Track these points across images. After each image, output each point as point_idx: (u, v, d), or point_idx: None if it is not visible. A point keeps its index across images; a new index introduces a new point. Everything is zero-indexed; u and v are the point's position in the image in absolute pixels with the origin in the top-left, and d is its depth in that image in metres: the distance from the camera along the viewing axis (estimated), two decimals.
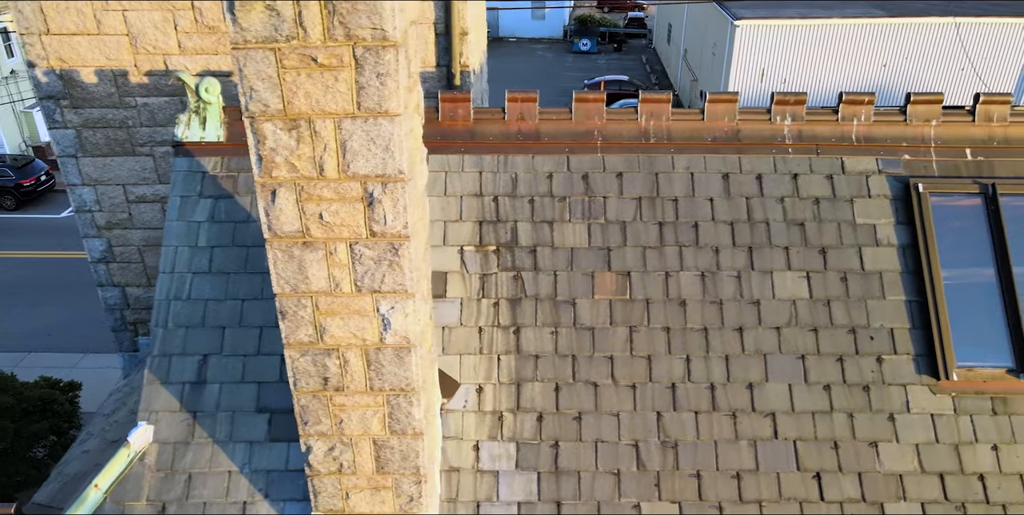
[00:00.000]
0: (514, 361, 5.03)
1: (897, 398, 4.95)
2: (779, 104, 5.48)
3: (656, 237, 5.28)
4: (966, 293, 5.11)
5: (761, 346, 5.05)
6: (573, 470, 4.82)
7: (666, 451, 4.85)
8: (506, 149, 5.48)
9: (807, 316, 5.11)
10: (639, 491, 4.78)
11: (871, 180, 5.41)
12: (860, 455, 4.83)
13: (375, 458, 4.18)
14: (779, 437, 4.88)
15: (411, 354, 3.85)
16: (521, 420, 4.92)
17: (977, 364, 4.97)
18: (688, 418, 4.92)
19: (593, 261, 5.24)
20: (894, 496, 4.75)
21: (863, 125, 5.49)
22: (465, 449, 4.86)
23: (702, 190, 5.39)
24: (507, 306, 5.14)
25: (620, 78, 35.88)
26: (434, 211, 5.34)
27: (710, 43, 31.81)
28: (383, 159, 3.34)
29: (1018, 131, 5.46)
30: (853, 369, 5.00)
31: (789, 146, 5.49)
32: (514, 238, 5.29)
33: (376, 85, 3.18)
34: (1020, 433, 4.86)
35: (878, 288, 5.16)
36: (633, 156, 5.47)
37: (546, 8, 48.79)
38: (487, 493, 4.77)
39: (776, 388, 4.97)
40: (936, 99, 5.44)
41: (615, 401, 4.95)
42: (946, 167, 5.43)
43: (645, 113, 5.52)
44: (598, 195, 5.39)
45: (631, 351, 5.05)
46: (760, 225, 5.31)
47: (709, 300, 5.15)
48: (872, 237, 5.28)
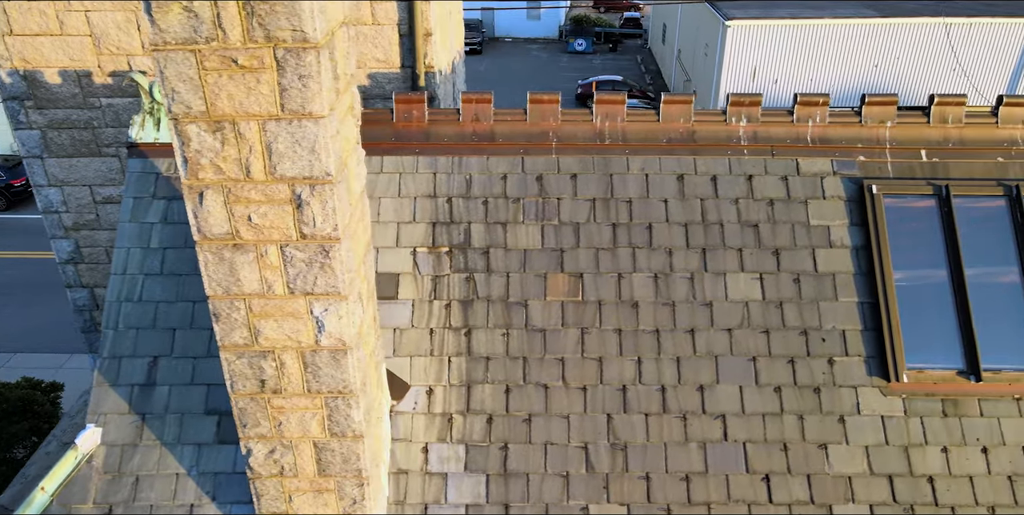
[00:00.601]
0: (465, 363, 5.02)
1: (848, 400, 4.94)
2: (734, 105, 5.47)
3: (609, 238, 5.27)
4: (918, 295, 5.10)
5: (713, 348, 5.04)
6: (522, 472, 4.81)
7: (615, 453, 4.84)
8: (461, 150, 5.47)
9: (759, 318, 5.10)
10: (588, 493, 4.77)
11: (826, 181, 5.40)
12: (809, 457, 4.82)
13: (316, 461, 4.17)
14: (729, 439, 4.87)
15: (347, 356, 3.84)
16: (471, 422, 4.91)
17: (928, 366, 4.96)
18: (638, 420, 4.91)
19: (546, 262, 5.23)
20: (842, 498, 4.74)
21: (818, 126, 5.48)
22: (414, 451, 4.85)
23: (656, 191, 5.38)
24: (459, 308, 5.13)
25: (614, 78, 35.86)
26: (387, 212, 5.33)
27: (702, 43, 31.83)
28: (310, 161, 3.33)
29: (973, 132, 5.45)
30: (804, 371, 4.99)
31: (744, 147, 5.48)
32: (467, 239, 5.28)
33: (299, 87, 3.17)
34: (970, 435, 4.85)
35: (831, 290, 5.16)
36: (588, 157, 5.47)
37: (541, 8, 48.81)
38: (435, 495, 4.76)
39: (727, 390, 4.96)
40: (891, 100, 5.43)
41: (565, 403, 4.94)
42: (901, 168, 5.42)
43: (600, 114, 5.51)
44: (552, 196, 5.38)
45: (582, 353, 5.04)
46: (714, 226, 5.30)
47: (661, 302, 5.14)
48: (826, 238, 5.27)
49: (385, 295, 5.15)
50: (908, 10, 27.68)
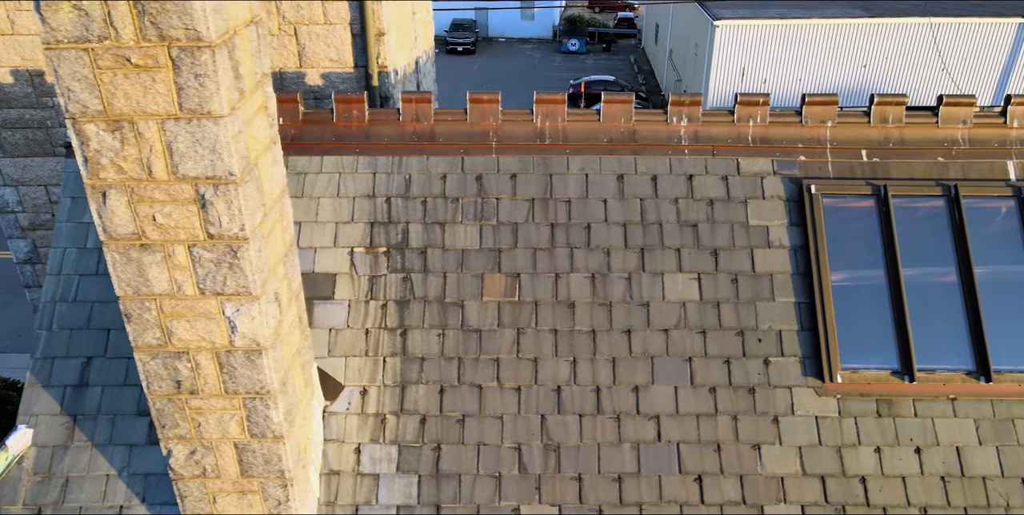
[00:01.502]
0: (400, 363, 5.00)
1: (782, 400, 4.92)
2: (675, 105, 5.46)
3: (547, 238, 5.26)
4: (855, 295, 5.09)
5: (649, 348, 5.03)
6: (454, 473, 4.79)
7: (548, 454, 4.83)
8: (401, 150, 5.46)
9: (696, 318, 5.09)
10: (519, 494, 4.75)
11: (766, 181, 5.39)
12: (743, 457, 4.81)
13: (238, 462, 4.16)
14: (662, 440, 4.86)
15: (263, 357, 3.82)
16: (404, 422, 4.89)
17: (863, 366, 4.95)
18: (572, 421, 4.90)
19: (483, 262, 5.21)
20: (774, 498, 4.73)
21: (759, 126, 5.47)
22: (346, 452, 4.83)
23: (596, 191, 5.37)
24: (395, 308, 5.11)
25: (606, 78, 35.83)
26: (326, 212, 5.32)
27: (692, 43, 31.84)
28: (211, 161, 3.32)
29: (913, 132, 5.44)
30: (740, 371, 4.98)
31: (686, 147, 5.46)
32: (405, 239, 5.26)
33: (196, 86, 3.15)
34: (903, 435, 4.84)
35: (768, 290, 5.14)
36: (528, 157, 5.45)
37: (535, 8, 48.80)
38: (366, 496, 4.74)
39: (662, 391, 4.95)
40: (831, 100, 5.42)
41: (499, 403, 4.92)
42: (841, 168, 5.41)
43: (540, 114, 5.49)
44: (491, 196, 5.36)
45: (517, 353, 5.02)
46: (653, 226, 5.29)
47: (598, 302, 5.13)
48: (764, 239, 5.26)
49: (321, 295, 5.14)
50: (897, 10, 27.69)
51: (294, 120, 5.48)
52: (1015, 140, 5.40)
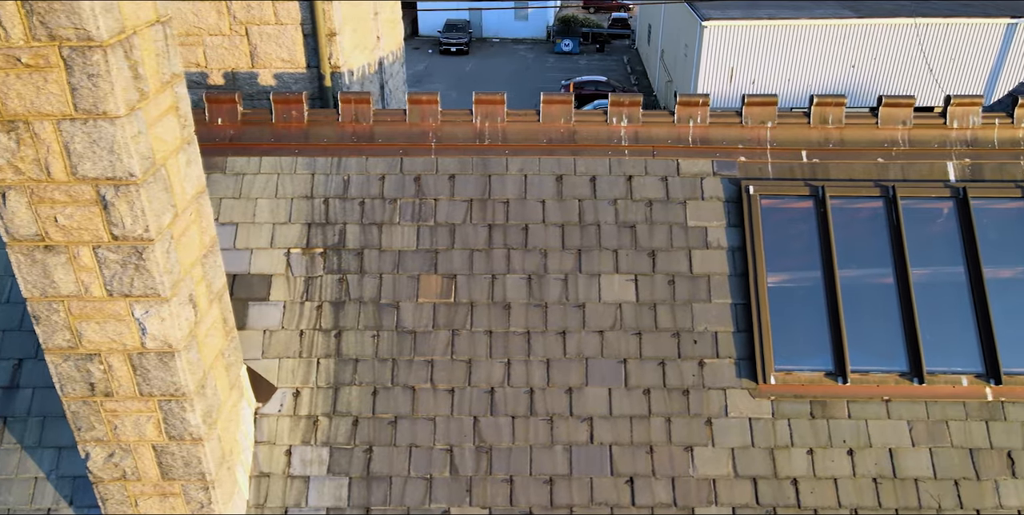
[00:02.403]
0: (333, 365, 4.98)
1: (716, 402, 4.91)
2: (614, 105, 5.44)
3: (485, 239, 5.24)
4: (791, 296, 5.08)
5: (583, 350, 5.01)
6: (385, 475, 4.77)
7: (480, 456, 4.81)
8: (340, 151, 5.44)
9: (632, 320, 5.07)
10: (450, 496, 4.73)
11: (705, 182, 5.37)
12: (675, 459, 4.79)
13: (158, 464, 4.14)
14: (595, 442, 4.84)
15: (176, 359, 3.80)
16: (336, 424, 4.87)
17: (797, 367, 4.93)
18: (505, 423, 4.88)
19: (420, 264, 5.19)
20: (705, 500, 4.71)
21: (699, 127, 5.46)
22: (277, 454, 4.81)
23: (534, 192, 5.35)
24: (330, 309, 5.09)
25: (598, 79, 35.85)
26: (263, 213, 5.30)
27: (682, 44, 31.84)
28: (110, 162, 3.30)
29: (853, 133, 5.42)
30: (674, 373, 4.96)
31: (625, 148, 5.45)
32: (342, 240, 5.24)
33: (89, 86, 3.13)
34: (836, 437, 4.83)
35: (705, 291, 5.13)
36: (467, 158, 5.43)
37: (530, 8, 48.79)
38: (296, 499, 4.72)
39: (595, 392, 4.93)
40: (771, 101, 5.41)
41: (432, 405, 4.90)
42: (781, 169, 5.39)
43: (480, 114, 5.47)
44: (429, 197, 5.34)
45: (452, 355, 5.00)
46: (591, 227, 5.27)
47: (534, 303, 5.11)
48: (703, 240, 5.24)
49: (256, 296, 5.11)
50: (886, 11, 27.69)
51: (233, 120, 5.46)
52: (955, 141, 5.39)
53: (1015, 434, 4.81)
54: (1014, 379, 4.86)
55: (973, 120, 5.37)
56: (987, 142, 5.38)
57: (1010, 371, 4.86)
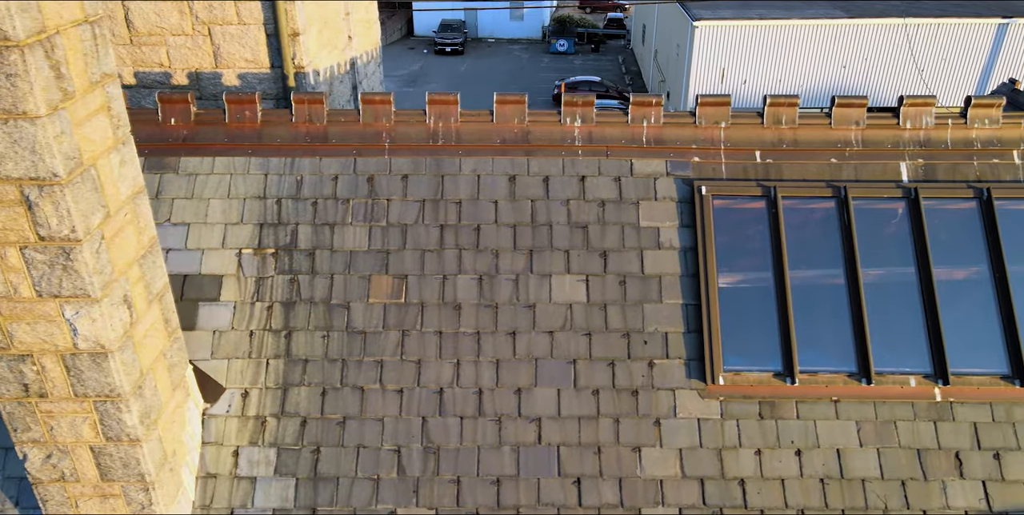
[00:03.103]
0: (283, 365, 4.98)
1: (665, 403, 4.90)
2: (568, 106, 5.43)
3: (437, 240, 5.23)
4: (741, 297, 5.07)
5: (533, 350, 5.01)
6: (332, 476, 4.76)
7: (427, 456, 4.80)
8: (293, 151, 5.43)
9: (582, 320, 5.06)
10: (396, 497, 4.73)
11: (659, 182, 5.36)
12: (622, 460, 4.79)
13: (96, 465, 4.13)
14: (543, 442, 4.83)
15: (109, 360, 3.79)
16: (284, 425, 4.87)
17: (746, 368, 4.93)
18: (453, 423, 4.87)
19: (371, 264, 5.18)
20: (652, 501, 4.71)
21: (653, 127, 5.45)
22: (224, 454, 4.80)
23: (487, 192, 5.34)
24: (281, 310, 5.08)
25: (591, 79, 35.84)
26: (215, 214, 5.29)
27: (674, 44, 31.84)
28: (32, 162, 3.29)
29: (807, 133, 5.42)
30: (624, 374, 4.96)
31: (579, 148, 5.44)
32: (294, 241, 5.23)
33: (7, 86, 3.12)
34: (785, 437, 4.82)
35: (656, 292, 5.12)
36: (421, 158, 5.43)
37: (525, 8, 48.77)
38: (242, 499, 4.71)
39: (544, 393, 4.92)
40: (724, 101, 5.40)
41: (381, 406, 4.90)
42: (735, 170, 5.38)
43: (434, 115, 5.47)
44: (382, 197, 5.33)
45: (401, 355, 5.00)
46: (543, 228, 5.26)
47: (484, 304, 5.10)
48: (655, 240, 5.23)
49: (207, 297, 5.10)
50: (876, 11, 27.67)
51: (186, 121, 5.45)
52: (908, 141, 5.38)
53: (963, 435, 4.81)
54: (962, 380, 4.86)
55: (926, 120, 5.37)
56: (940, 142, 5.38)
57: (958, 371, 4.86)
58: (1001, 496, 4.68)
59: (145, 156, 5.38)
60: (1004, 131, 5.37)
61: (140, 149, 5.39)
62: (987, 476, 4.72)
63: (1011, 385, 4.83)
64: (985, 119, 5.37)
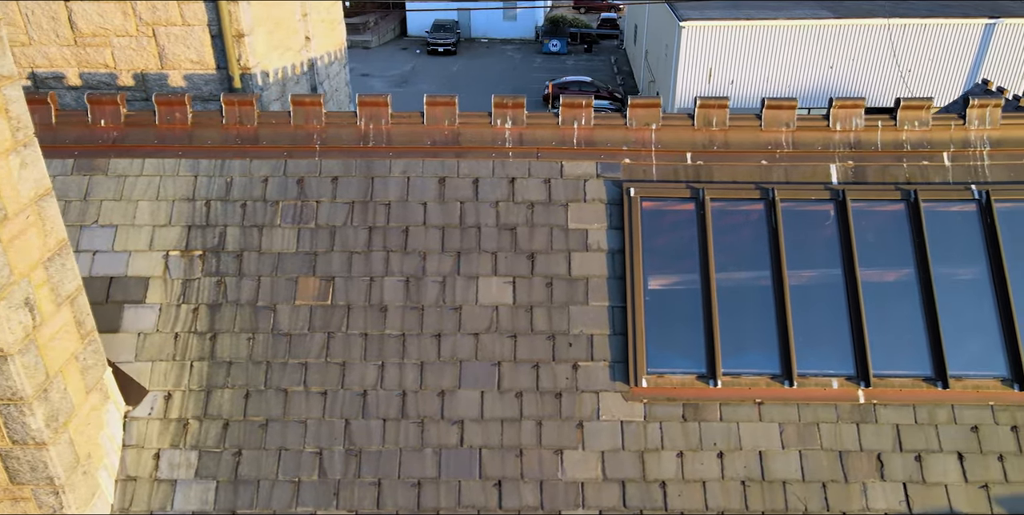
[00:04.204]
0: (207, 367, 4.97)
1: (589, 405, 4.89)
2: (498, 107, 5.43)
3: (365, 242, 5.23)
4: (667, 299, 5.06)
5: (458, 353, 5.00)
6: (253, 478, 4.76)
7: (349, 459, 4.79)
8: (224, 153, 5.42)
9: (508, 322, 5.06)
10: (317, 499, 4.72)
11: (588, 184, 5.36)
12: (544, 463, 4.78)
13: (4, 468, 4.12)
14: (464, 444, 4.82)
15: (8, 363, 3.78)
16: (207, 428, 4.86)
17: (670, 371, 4.92)
18: (376, 425, 4.87)
19: (299, 266, 5.18)
20: (573, 503, 4.70)
21: (584, 129, 5.44)
22: (145, 457, 4.79)
23: (416, 194, 5.34)
24: (206, 312, 5.08)
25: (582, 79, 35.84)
26: (143, 216, 5.28)
27: (663, 44, 31.86)
28: None
29: (738, 135, 5.41)
30: (548, 376, 4.95)
31: (510, 150, 5.44)
32: (222, 243, 5.23)
33: None
34: (707, 440, 4.82)
35: (582, 294, 5.11)
36: (351, 160, 5.42)
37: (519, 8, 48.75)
38: (162, 502, 4.71)
39: (468, 395, 4.92)
40: (654, 103, 5.40)
41: (304, 408, 4.89)
42: (666, 171, 5.38)
43: (364, 116, 5.46)
44: (311, 199, 5.33)
45: (326, 357, 4.99)
46: (471, 230, 5.26)
47: (410, 306, 5.09)
48: (583, 242, 5.23)
49: (132, 299, 5.10)
50: (863, 11, 27.68)
51: (116, 122, 5.45)
52: (838, 143, 5.38)
53: (885, 436, 4.81)
54: (885, 382, 4.86)
55: (856, 122, 5.37)
56: (870, 144, 5.38)
57: (881, 374, 4.85)
58: (921, 498, 4.68)
59: (75, 158, 5.37)
60: (934, 133, 5.37)
61: (69, 151, 5.39)
62: (908, 478, 4.72)
63: (933, 387, 4.83)
64: (915, 121, 5.37)
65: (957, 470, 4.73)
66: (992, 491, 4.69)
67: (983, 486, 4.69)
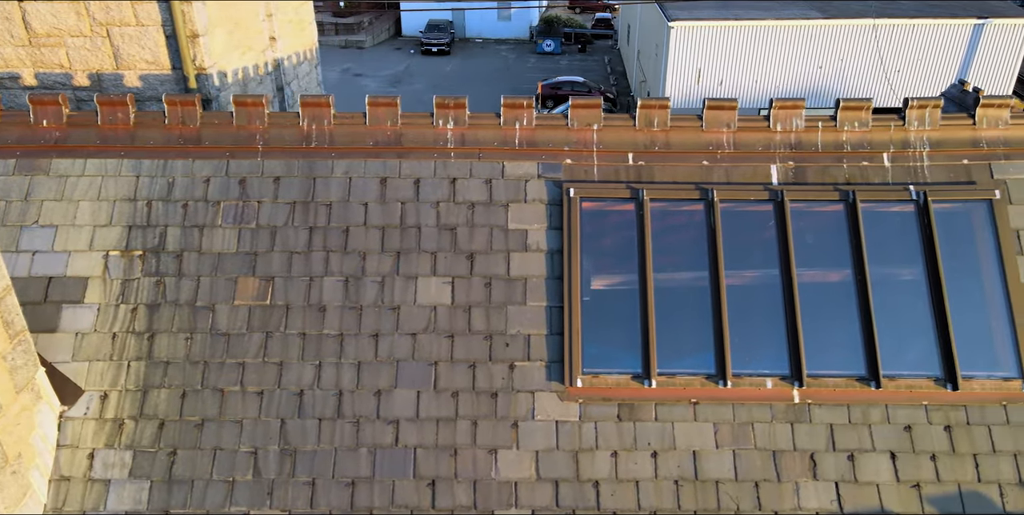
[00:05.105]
0: (144, 367, 4.98)
1: (524, 405, 4.90)
2: (440, 108, 5.44)
3: (305, 242, 5.24)
4: (605, 299, 5.07)
5: (395, 353, 5.01)
6: (187, 478, 4.77)
7: (284, 458, 4.80)
8: (166, 153, 5.43)
9: (446, 322, 5.07)
10: (251, 499, 4.73)
11: (529, 185, 5.37)
12: (478, 462, 4.79)
13: None
14: (399, 444, 4.83)
15: None
16: (142, 427, 4.87)
17: (605, 370, 4.93)
18: (311, 425, 4.88)
19: (238, 266, 5.18)
20: (506, 503, 4.71)
21: (526, 129, 5.45)
22: (79, 457, 4.80)
23: (358, 195, 5.35)
24: (145, 312, 5.08)
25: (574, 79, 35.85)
26: (84, 216, 5.29)
27: (653, 44, 31.88)
28: None
29: (679, 136, 5.43)
30: (484, 376, 4.96)
31: (452, 150, 5.44)
32: (162, 243, 5.23)
33: None
34: (642, 439, 4.83)
35: (521, 294, 5.12)
36: (294, 160, 5.43)
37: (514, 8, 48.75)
38: (95, 502, 4.71)
39: (404, 395, 4.93)
40: (595, 104, 5.41)
41: (240, 408, 4.90)
42: (607, 172, 5.39)
43: (307, 117, 5.47)
44: (253, 200, 5.34)
45: (264, 357, 5.00)
46: (411, 230, 5.27)
47: (349, 306, 5.10)
48: (522, 242, 5.24)
49: (71, 299, 5.10)
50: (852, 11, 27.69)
51: (58, 122, 5.46)
52: (779, 144, 5.39)
53: (819, 436, 4.82)
54: (819, 382, 4.87)
55: (796, 123, 5.38)
56: (811, 145, 5.39)
57: (815, 374, 4.87)
58: (853, 497, 4.69)
59: (16, 158, 5.38)
60: (874, 134, 5.38)
61: (11, 151, 5.40)
62: (840, 477, 4.73)
63: (867, 387, 4.84)
64: (855, 122, 5.38)
65: (889, 469, 4.74)
66: (924, 490, 4.70)
67: (915, 485, 4.71)
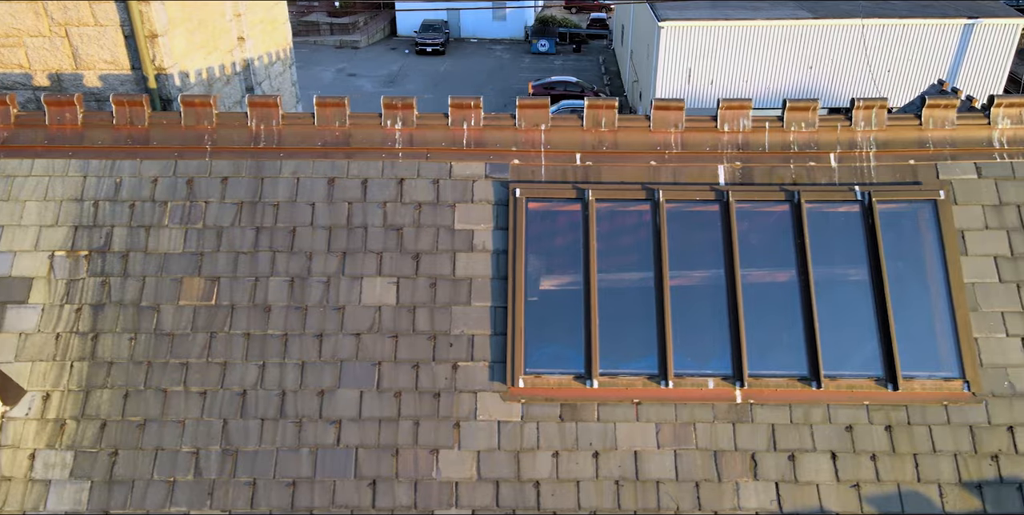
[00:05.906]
0: (87, 368, 4.97)
1: (467, 405, 4.91)
2: (388, 108, 5.44)
3: (251, 242, 5.23)
4: (549, 299, 5.08)
5: (339, 352, 5.01)
6: (128, 479, 4.77)
7: (225, 458, 4.80)
8: (114, 153, 5.43)
9: (390, 322, 5.07)
10: (191, 499, 4.73)
11: (476, 185, 5.37)
12: (419, 462, 4.79)
13: None
14: (341, 444, 4.83)
15: None
16: (84, 428, 4.87)
17: (548, 371, 4.93)
18: (254, 425, 4.88)
19: (184, 266, 5.18)
20: (446, 503, 4.72)
21: (474, 129, 5.45)
22: (20, 458, 4.80)
23: (305, 195, 5.35)
24: (90, 312, 5.08)
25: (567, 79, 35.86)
26: (30, 216, 5.28)
27: (645, 44, 31.91)
28: None
29: (627, 136, 5.43)
30: (427, 376, 4.96)
31: (400, 150, 5.44)
32: (108, 243, 5.23)
33: None
34: (584, 440, 4.83)
35: (465, 294, 5.12)
36: (242, 161, 5.43)
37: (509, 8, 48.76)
38: (35, 502, 4.71)
39: (347, 395, 4.93)
40: (542, 104, 5.41)
41: (183, 408, 4.90)
42: (555, 172, 5.39)
43: (255, 117, 5.47)
44: (200, 200, 5.33)
45: (208, 357, 5.00)
46: (358, 230, 5.27)
47: (294, 306, 5.10)
48: (468, 243, 5.24)
49: (15, 299, 5.10)
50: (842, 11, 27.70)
51: (6, 122, 5.46)
52: (726, 144, 5.39)
53: (760, 436, 4.82)
54: (761, 382, 4.87)
55: (744, 123, 5.38)
56: (758, 145, 5.39)
57: (757, 373, 4.87)
58: (792, 497, 4.70)
59: None
60: (821, 134, 5.38)
61: None
62: (780, 477, 4.73)
63: (808, 387, 4.84)
64: (802, 122, 5.38)
65: (829, 469, 4.74)
66: (863, 490, 4.70)
67: (854, 485, 4.71)
